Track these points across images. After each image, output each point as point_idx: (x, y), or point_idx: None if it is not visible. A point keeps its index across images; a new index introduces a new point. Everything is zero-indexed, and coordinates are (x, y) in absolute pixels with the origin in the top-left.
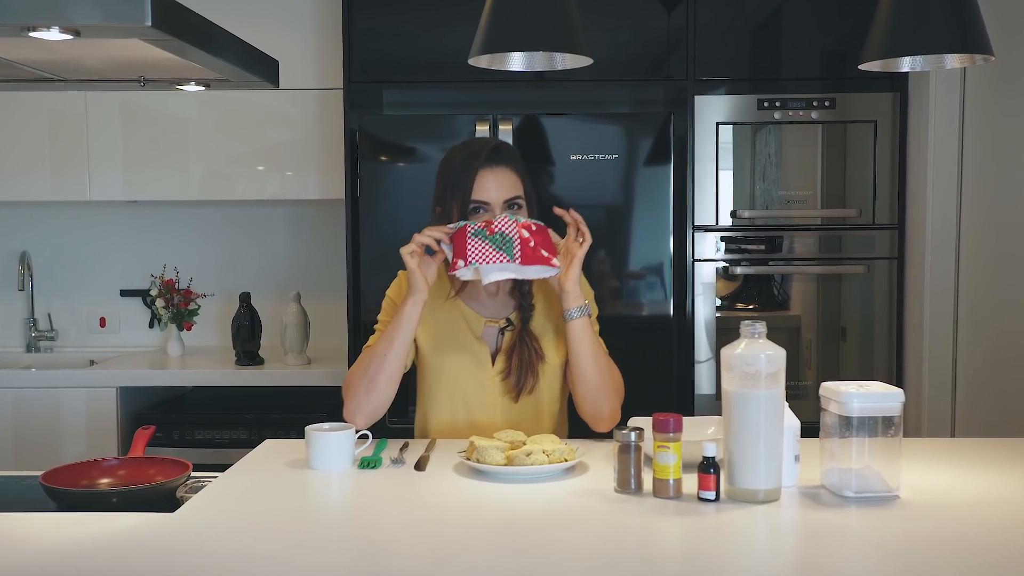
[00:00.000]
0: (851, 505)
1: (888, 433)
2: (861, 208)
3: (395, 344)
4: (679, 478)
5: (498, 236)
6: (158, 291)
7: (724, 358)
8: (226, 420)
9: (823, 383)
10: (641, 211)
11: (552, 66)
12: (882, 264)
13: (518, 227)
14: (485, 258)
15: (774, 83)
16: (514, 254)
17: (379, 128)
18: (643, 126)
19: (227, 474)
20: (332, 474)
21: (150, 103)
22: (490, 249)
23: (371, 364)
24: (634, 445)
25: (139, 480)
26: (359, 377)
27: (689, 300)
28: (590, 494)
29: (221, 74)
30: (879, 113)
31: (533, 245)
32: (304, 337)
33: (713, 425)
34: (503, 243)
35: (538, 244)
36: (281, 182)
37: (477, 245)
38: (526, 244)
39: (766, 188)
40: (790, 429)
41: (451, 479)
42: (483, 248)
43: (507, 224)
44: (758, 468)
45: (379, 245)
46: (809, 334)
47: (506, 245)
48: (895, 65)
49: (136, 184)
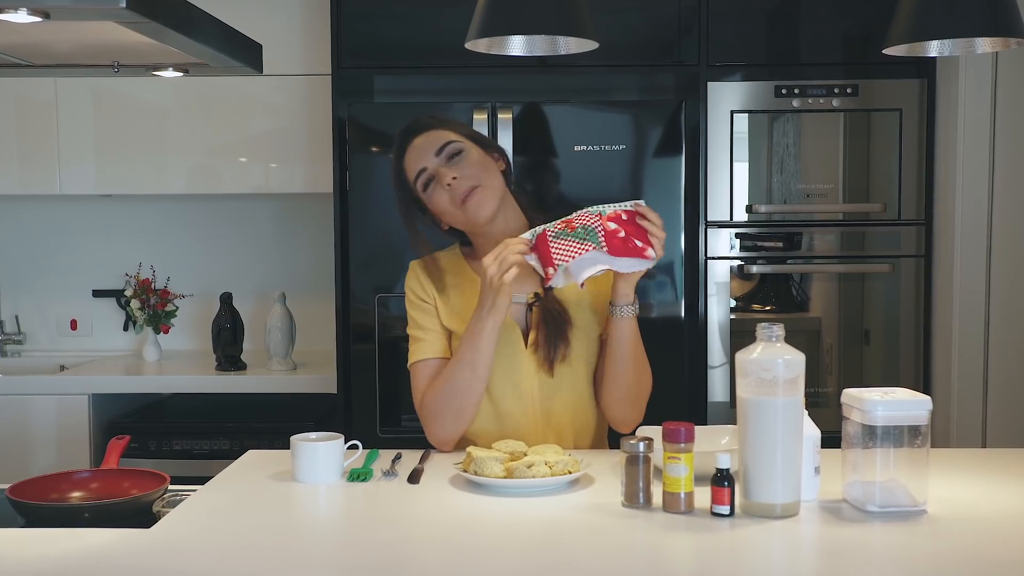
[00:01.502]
0: (875, 520)
1: (915, 443)
2: (886, 202)
3: (480, 372)
4: (691, 491)
5: (580, 230)
6: (133, 291)
7: (739, 363)
8: (206, 429)
9: (845, 390)
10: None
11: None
12: (908, 262)
13: (602, 220)
14: (570, 254)
15: (793, 69)
16: (600, 242)
17: (370, 117)
18: (652, 115)
19: (207, 487)
20: (319, 487)
21: (124, 90)
22: (574, 244)
23: (456, 395)
24: (643, 456)
25: (113, 494)
26: (444, 407)
27: (701, 301)
28: (595, 509)
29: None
30: (905, 101)
31: (623, 236)
32: (289, 341)
33: (727, 435)
34: (586, 235)
35: (629, 235)
36: (265, 175)
37: (561, 246)
38: (613, 236)
39: (784, 181)
40: (810, 439)
41: (446, 493)
42: (567, 246)
43: (588, 217)
44: (775, 481)
45: (370, 242)
46: (830, 337)
47: (590, 236)
48: (922, 49)
49: (109, 177)
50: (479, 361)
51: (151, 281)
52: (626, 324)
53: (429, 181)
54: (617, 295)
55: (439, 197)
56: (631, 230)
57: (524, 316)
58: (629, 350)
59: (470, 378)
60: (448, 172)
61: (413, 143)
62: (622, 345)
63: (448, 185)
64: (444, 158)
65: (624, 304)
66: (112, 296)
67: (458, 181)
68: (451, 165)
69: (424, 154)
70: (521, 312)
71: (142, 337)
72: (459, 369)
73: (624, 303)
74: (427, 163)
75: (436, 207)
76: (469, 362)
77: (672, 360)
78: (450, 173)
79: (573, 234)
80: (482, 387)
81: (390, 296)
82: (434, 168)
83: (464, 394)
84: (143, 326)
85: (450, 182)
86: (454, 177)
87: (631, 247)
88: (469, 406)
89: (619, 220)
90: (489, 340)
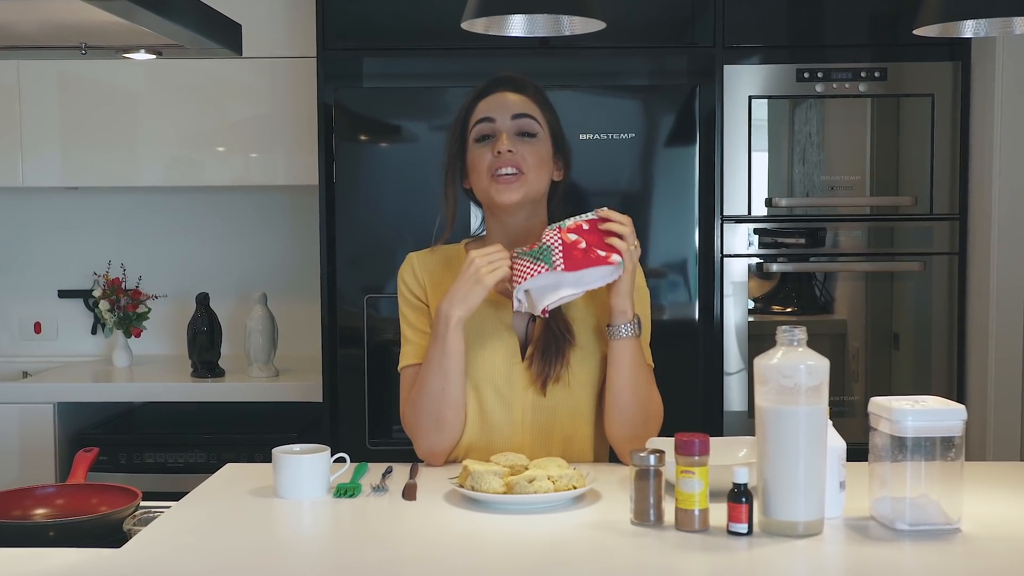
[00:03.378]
0: (905, 539)
1: (948, 456)
2: (916, 195)
3: (451, 374)
4: (705, 508)
5: (537, 249)
6: (102, 292)
7: (758, 369)
8: (181, 441)
9: (872, 398)
10: (662, 199)
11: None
12: (941, 260)
13: (562, 233)
14: (523, 275)
15: (816, 50)
16: (553, 262)
17: (358, 102)
18: (664, 100)
19: (182, 504)
20: (303, 504)
21: (93, 74)
22: (527, 264)
23: (430, 402)
24: (653, 470)
25: (80, 511)
26: (422, 416)
27: (717, 302)
28: (602, 527)
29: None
30: (937, 85)
31: (584, 247)
32: (271, 345)
33: (745, 447)
34: (540, 254)
35: (591, 244)
36: (244, 165)
37: (519, 266)
38: (572, 248)
39: (806, 172)
40: (834, 451)
41: (441, 509)
42: (523, 266)
43: (548, 234)
44: (797, 497)
45: (358, 238)
46: (856, 341)
47: (543, 256)
48: (956, 30)
49: (76, 168)
50: (447, 363)
51: (121, 281)
52: (624, 346)
53: (488, 136)
54: (612, 312)
55: (481, 155)
56: (592, 239)
57: (525, 327)
58: (627, 373)
59: (441, 381)
60: (508, 142)
61: (500, 93)
62: (621, 368)
63: (498, 152)
64: (516, 128)
65: (620, 323)
66: (79, 297)
67: (510, 156)
68: (516, 139)
69: (503, 108)
70: (523, 322)
71: (111, 341)
72: (428, 372)
73: (620, 322)
74: (498, 117)
75: (472, 161)
76: (438, 364)
77: (685, 366)
78: (508, 144)
79: (530, 253)
80: (457, 392)
81: (380, 297)
82: (501, 128)
83: (437, 400)
84: (113, 329)
85: (502, 150)
86: (509, 151)
87: (592, 257)
88: (447, 413)
89: (579, 231)
90: (455, 336)
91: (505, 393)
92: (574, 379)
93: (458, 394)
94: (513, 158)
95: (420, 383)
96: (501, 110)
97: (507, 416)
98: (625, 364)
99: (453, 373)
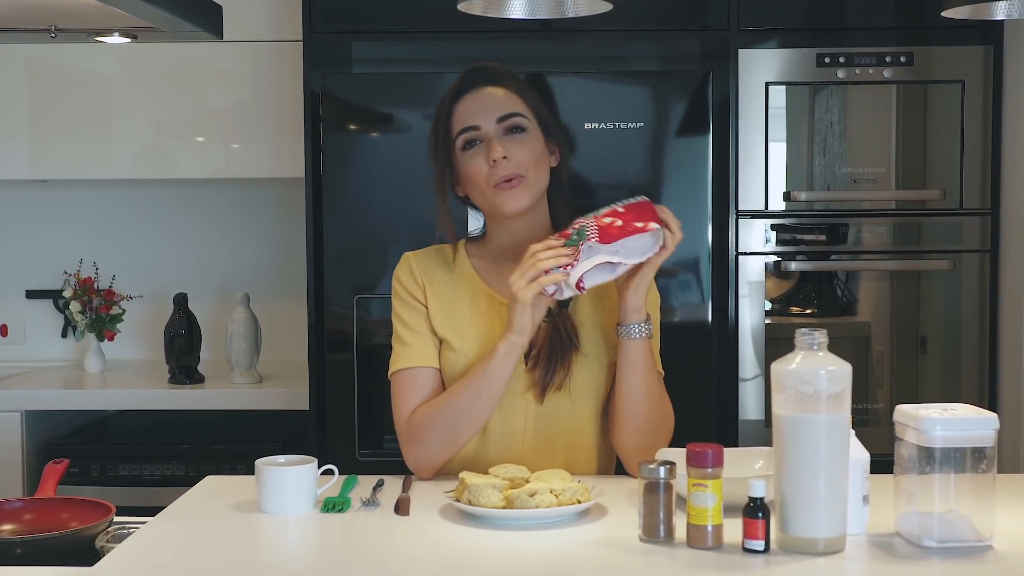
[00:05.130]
0: (933, 557)
1: (979, 468)
2: (945, 189)
3: (486, 397)
4: (719, 524)
5: (573, 234)
6: (73, 292)
7: (775, 375)
8: (157, 452)
9: (898, 406)
10: (672, 193)
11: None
12: (971, 258)
13: (596, 219)
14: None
15: (837, 34)
16: (587, 236)
17: (347, 89)
18: (675, 87)
19: (158, 519)
20: (288, 519)
21: (63, 59)
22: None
23: (451, 416)
24: (663, 483)
25: (49, 527)
26: (435, 427)
27: (732, 303)
28: (609, 544)
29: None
30: (968, 71)
31: (620, 224)
32: (254, 349)
33: (761, 458)
34: (578, 237)
35: (628, 220)
36: (225, 157)
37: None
38: (608, 228)
39: (827, 164)
40: (857, 463)
41: (436, 525)
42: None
43: (582, 220)
44: (817, 512)
45: (348, 235)
46: (881, 345)
47: (579, 236)
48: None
49: (45, 160)
50: (486, 386)
51: (94, 280)
52: (636, 348)
53: (474, 142)
54: (624, 311)
55: (476, 166)
56: (629, 217)
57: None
58: (640, 380)
59: (472, 401)
60: (500, 148)
61: (476, 92)
62: (633, 374)
63: (494, 162)
64: (504, 129)
65: (634, 323)
66: (48, 298)
67: (506, 163)
68: (507, 140)
69: (483, 112)
70: None
71: (83, 345)
72: (464, 389)
73: (634, 321)
74: (482, 123)
75: (466, 172)
76: (476, 384)
77: (698, 372)
78: (502, 150)
79: (568, 241)
80: (483, 416)
81: (371, 298)
82: (488, 134)
83: (462, 418)
84: (84, 332)
85: (497, 159)
86: (504, 157)
87: (629, 230)
88: (463, 433)
89: (615, 214)
90: (500, 365)
91: (505, 401)
92: (575, 387)
93: (482, 417)
94: (510, 164)
95: (449, 395)
96: (484, 114)
97: (507, 425)
98: (637, 368)
99: (486, 396)
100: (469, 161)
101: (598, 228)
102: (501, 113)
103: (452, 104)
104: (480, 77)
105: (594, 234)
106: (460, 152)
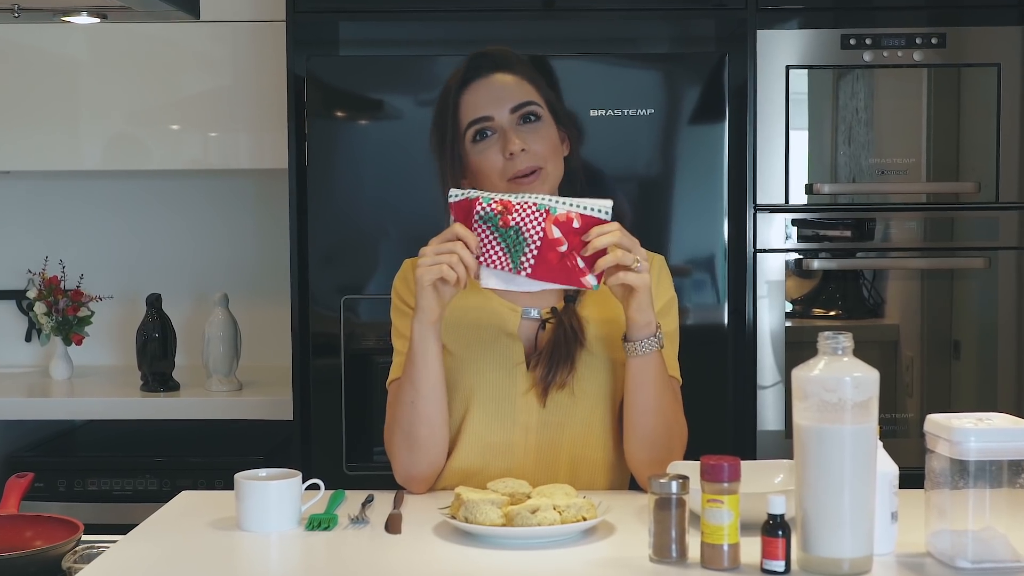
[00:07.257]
0: None
1: (1016, 483)
2: (980, 181)
3: (419, 385)
4: (736, 543)
5: (512, 231)
6: (37, 292)
7: (796, 382)
8: (129, 465)
9: (929, 416)
10: (686, 185)
11: None
12: (1008, 256)
13: (548, 221)
14: (490, 257)
15: (864, 13)
16: (520, 262)
17: (334, 73)
18: (688, 71)
19: (130, 537)
20: (271, 537)
21: (27, 41)
22: (495, 246)
23: (403, 416)
24: (676, 499)
25: (12, 546)
26: (395, 432)
27: (749, 305)
28: (617, 564)
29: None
30: (1004, 54)
31: (564, 250)
32: (233, 354)
33: (782, 472)
34: (515, 244)
35: (573, 248)
36: (202, 146)
37: (486, 236)
38: (550, 249)
39: (853, 154)
40: (885, 477)
41: (430, 544)
42: (491, 243)
43: (530, 213)
44: (842, 530)
45: (335, 231)
46: (911, 350)
47: (516, 247)
48: None
49: (7, 150)
50: (417, 374)
51: (60, 280)
52: (646, 364)
53: (485, 134)
54: (631, 326)
55: (490, 160)
56: (577, 243)
57: (535, 334)
58: (652, 396)
59: (409, 392)
60: (517, 140)
61: (484, 79)
62: (644, 389)
63: (511, 154)
64: (518, 118)
65: (643, 338)
66: (11, 299)
67: (525, 155)
68: (522, 130)
69: (495, 101)
70: (532, 329)
71: (49, 349)
72: (403, 384)
73: (643, 336)
74: (495, 113)
75: (477, 166)
76: (408, 374)
77: (713, 378)
78: (519, 142)
79: (503, 233)
80: (430, 407)
81: (360, 298)
82: (503, 124)
83: (408, 414)
84: (50, 336)
85: (514, 151)
86: (522, 149)
87: (568, 267)
88: (420, 431)
89: (568, 227)
90: (421, 347)
91: (504, 410)
92: (580, 388)
93: (431, 410)
94: (528, 156)
95: (393, 396)
96: (496, 103)
97: (505, 434)
98: (648, 383)
99: (421, 383)
100: (481, 154)
101: (540, 246)
102: (515, 102)
103: (459, 93)
104: (487, 63)
105: (530, 259)
106: (470, 144)
